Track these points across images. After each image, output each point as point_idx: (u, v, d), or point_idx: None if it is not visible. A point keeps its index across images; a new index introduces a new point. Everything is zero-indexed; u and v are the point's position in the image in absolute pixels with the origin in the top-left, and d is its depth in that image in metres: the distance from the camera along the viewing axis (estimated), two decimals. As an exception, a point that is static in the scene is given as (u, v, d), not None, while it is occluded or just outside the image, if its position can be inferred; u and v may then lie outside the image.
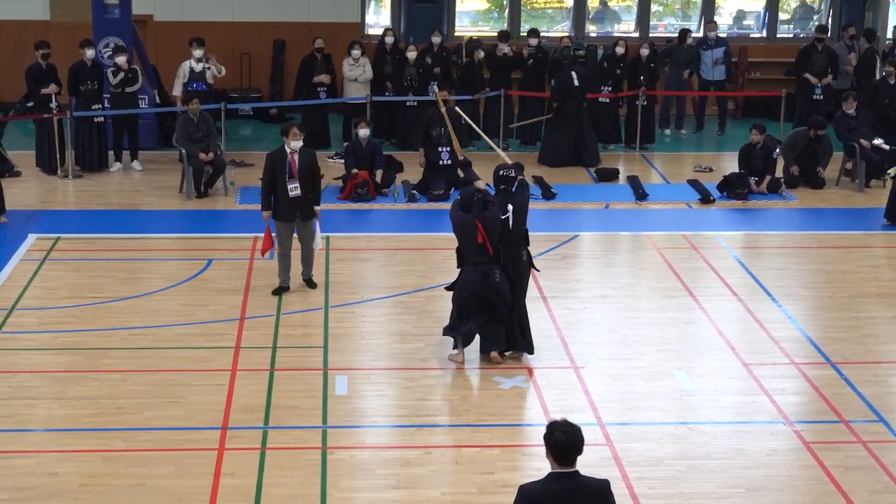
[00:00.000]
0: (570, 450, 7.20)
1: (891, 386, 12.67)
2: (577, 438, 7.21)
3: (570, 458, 7.21)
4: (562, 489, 7.20)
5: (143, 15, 24.32)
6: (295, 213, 14.86)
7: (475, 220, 12.65)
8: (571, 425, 7.26)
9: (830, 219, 18.71)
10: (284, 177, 14.72)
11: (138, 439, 11.20)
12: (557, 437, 7.20)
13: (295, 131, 14.78)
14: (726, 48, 24.21)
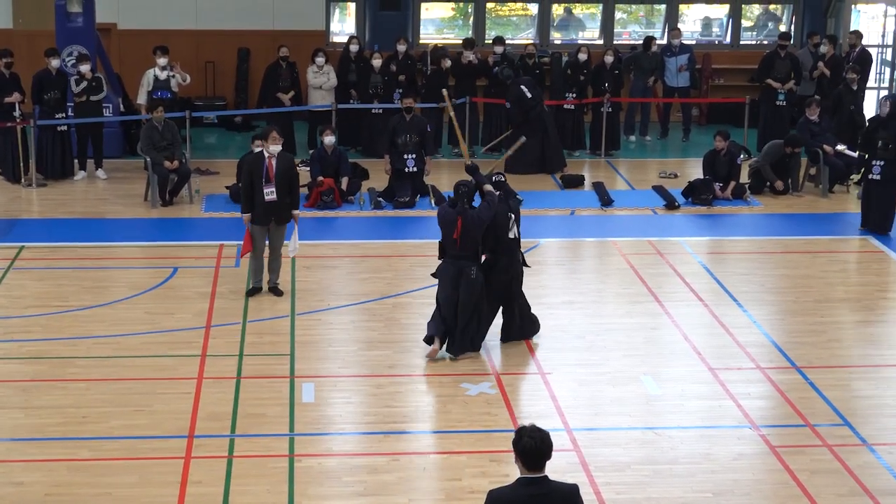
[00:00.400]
0: (539, 455, 7.20)
1: (855, 390, 12.72)
2: (546, 444, 7.22)
3: (539, 463, 7.21)
4: (531, 494, 7.20)
5: (107, 23, 24.22)
6: (270, 217, 14.92)
7: (457, 215, 12.96)
8: (540, 430, 7.27)
9: (795, 224, 18.80)
10: (261, 181, 14.78)
11: (104, 448, 11.14)
12: (526, 442, 7.20)
13: (275, 135, 14.86)
14: (690, 55, 24.30)
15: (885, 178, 17.88)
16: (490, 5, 27.34)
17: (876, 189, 18.02)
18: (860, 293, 15.75)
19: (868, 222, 18.17)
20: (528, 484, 7.22)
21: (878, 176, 17.93)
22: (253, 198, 14.90)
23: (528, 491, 7.21)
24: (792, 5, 27.53)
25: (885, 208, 18.06)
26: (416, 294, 15.25)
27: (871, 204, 18.12)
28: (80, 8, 21.80)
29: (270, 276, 15.29)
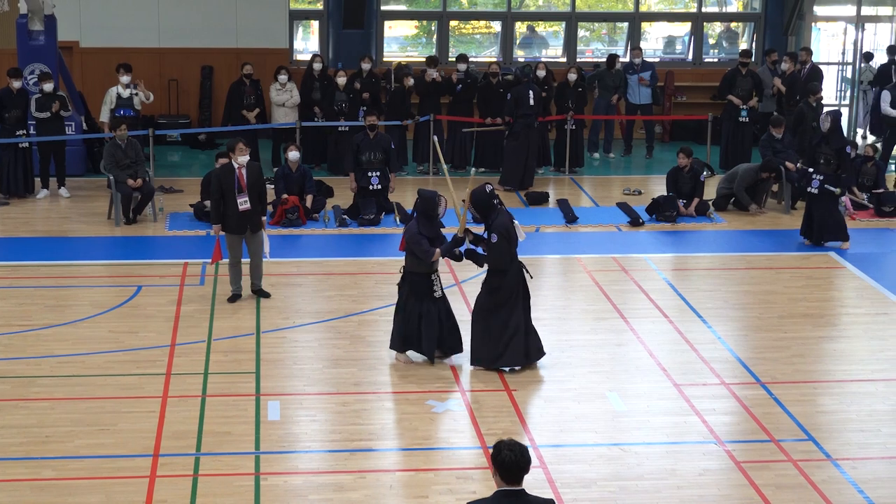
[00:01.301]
0: (518, 469, 7.26)
1: (819, 405, 12.79)
2: (525, 457, 7.28)
3: (518, 476, 7.28)
4: None
5: (69, 41, 24.17)
6: (245, 225, 15.27)
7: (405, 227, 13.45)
8: (519, 444, 7.31)
9: (758, 240, 18.90)
10: (234, 191, 15.15)
11: (68, 468, 11.07)
12: (506, 455, 7.26)
13: (241, 146, 15.22)
14: (653, 72, 24.44)
15: (822, 192, 18.05)
16: (453, 23, 27.44)
17: (816, 202, 18.18)
18: (823, 309, 15.84)
19: (810, 234, 18.32)
20: (506, 497, 7.27)
21: (815, 189, 18.12)
22: (222, 209, 15.17)
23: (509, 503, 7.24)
24: (753, 23, 27.72)
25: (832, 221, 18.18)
26: (382, 312, 15.23)
27: (810, 216, 18.30)
28: (41, 26, 21.74)
29: (253, 280, 15.62)
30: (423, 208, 13.26)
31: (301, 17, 27.07)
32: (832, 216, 18.25)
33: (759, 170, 20.37)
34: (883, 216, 20.12)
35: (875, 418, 12.45)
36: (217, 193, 15.31)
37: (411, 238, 13.17)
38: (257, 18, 25.40)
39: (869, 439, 11.96)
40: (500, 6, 27.32)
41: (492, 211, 13.28)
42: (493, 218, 13.21)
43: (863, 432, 12.10)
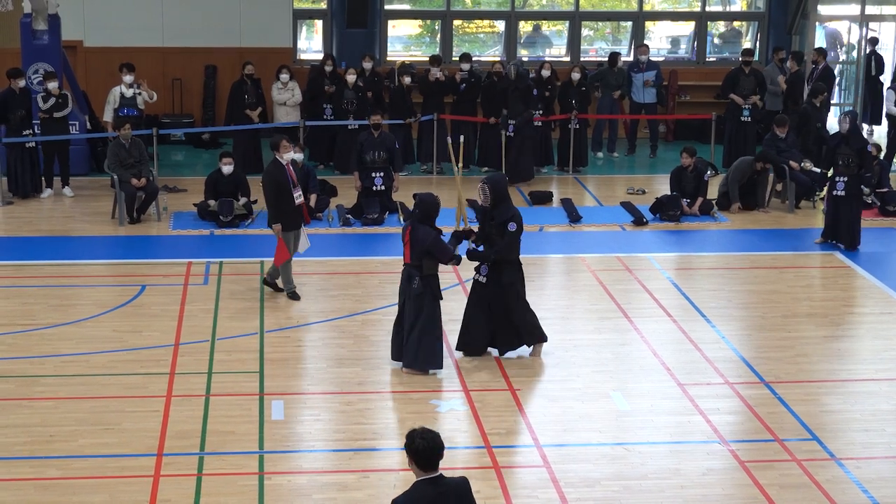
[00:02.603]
0: (433, 455, 7.47)
1: (824, 404, 12.78)
2: (438, 443, 7.48)
3: (433, 463, 7.48)
4: (434, 494, 7.47)
5: (73, 41, 24.16)
6: (300, 220, 15.52)
7: (409, 226, 13.14)
8: (430, 431, 7.50)
9: (762, 240, 18.89)
10: (289, 187, 15.26)
11: (72, 467, 11.08)
12: (419, 444, 7.46)
13: (286, 143, 15.39)
14: (657, 71, 24.42)
15: (849, 194, 17.99)
16: (457, 22, 27.41)
17: (842, 205, 18.12)
18: (827, 308, 15.83)
19: (834, 236, 18.26)
20: (427, 484, 7.48)
21: (842, 192, 18.03)
22: (280, 207, 15.25)
23: (430, 490, 7.48)
24: (757, 22, 27.70)
25: (853, 223, 18.17)
26: (385, 311, 15.23)
27: (837, 219, 18.21)
28: (45, 26, 21.73)
29: (271, 272, 15.78)
30: (426, 212, 13.16)
31: (305, 16, 27.07)
32: (856, 218, 18.19)
33: (754, 161, 20.38)
34: (887, 215, 20.09)
35: (879, 418, 12.45)
36: (274, 192, 15.29)
37: (433, 242, 12.95)
38: (261, 18, 25.39)
39: (873, 439, 11.95)
40: (503, 5, 27.31)
41: (506, 199, 13.51)
42: (507, 207, 13.44)
43: (867, 432, 12.10)
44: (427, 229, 13.03)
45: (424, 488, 7.47)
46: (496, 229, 13.49)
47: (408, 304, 13.19)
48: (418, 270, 13.12)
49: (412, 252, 13.11)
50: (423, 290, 13.09)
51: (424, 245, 12.97)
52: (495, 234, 13.50)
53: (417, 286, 13.08)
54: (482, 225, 13.68)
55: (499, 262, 13.52)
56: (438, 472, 7.51)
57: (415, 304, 13.12)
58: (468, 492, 7.61)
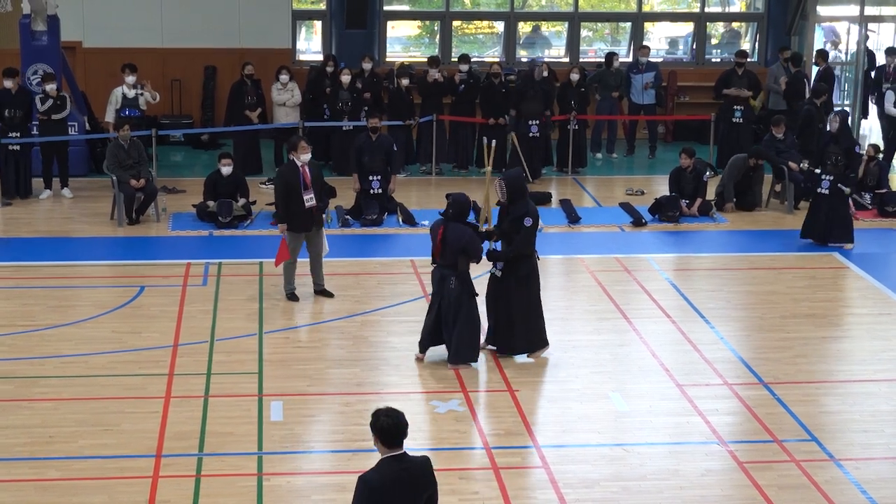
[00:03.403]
0: (397, 432, 7.69)
1: (822, 405, 12.79)
2: (402, 421, 7.70)
3: (398, 440, 7.71)
4: (399, 469, 7.69)
5: (72, 41, 24.16)
6: (310, 223, 15.42)
7: (441, 225, 13.28)
8: (395, 410, 7.72)
9: (761, 240, 18.90)
10: (300, 189, 15.20)
11: (72, 468, 11.09)
12: (383, 421, 7.69)
13: (303, 145, 15.39)
14: (656, 73, 24.44)
15: (833, 192, 18.05)
16: (456, 23, 27.42)
17: (825, 203, 18.17)
18: (826, 309, 15.84)
19: (808, 232, 18.34)
20: (392, 461, 7.70)
21: (826, 190, 18.10)
22: (289, 207, 15.24)
23: (395, 467, 7.70)
24: (756, 23, 27.71)
25: (840, 222, 18.20)
26: (384, 312, 15.26)
27: (816, 215, 18.28)
28: (44, 26, 21.74)
29: (316, 281, 15.83)
30: (459, 211, 13.32)
31: (304, 17, 27.08)
32: (840, 216, 18.25)
33: (747, 157, 20.43)
34: (886, 216, 20.11)
35: (878, 419, 12.46)
36: (283, 192, 15.33)
37: (470, 240, 13.20)
38: (260, 18, 25.39)
39: (872, 440, 11.96)
40: (502, 6, 27.32)
41: (523, 195, 13.70)
42: (524, 203, 13.63)
43: (866, 433, 12.11)
44: (462, 227, 13.25)
45: (390, 465, 7.70)
46: (512, 225, 13.62)
47: (444, 303, 13.38)
48: (452, 269, 13.27)
49: (445, 251, 13.23)
50: (462, 288, 13.32)
51: (461, 243, 13.16)
52: (512, 230, 13.64)
53: (455, 286, 13.29)
54: (499, 222, 13.87)
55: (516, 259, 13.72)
56: (403, 450, 7.74)
57: (454, 304, 13.33)
58: (430, 469, 7.87)
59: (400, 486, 7.67)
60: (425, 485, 7.82)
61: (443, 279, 13.35)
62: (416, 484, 7.76)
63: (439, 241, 13.26)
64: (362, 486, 7.65)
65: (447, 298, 13.37)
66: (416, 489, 7.76)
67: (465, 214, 13.39)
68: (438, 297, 13.48)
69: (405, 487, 7.69)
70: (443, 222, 13.33)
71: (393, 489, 7.65)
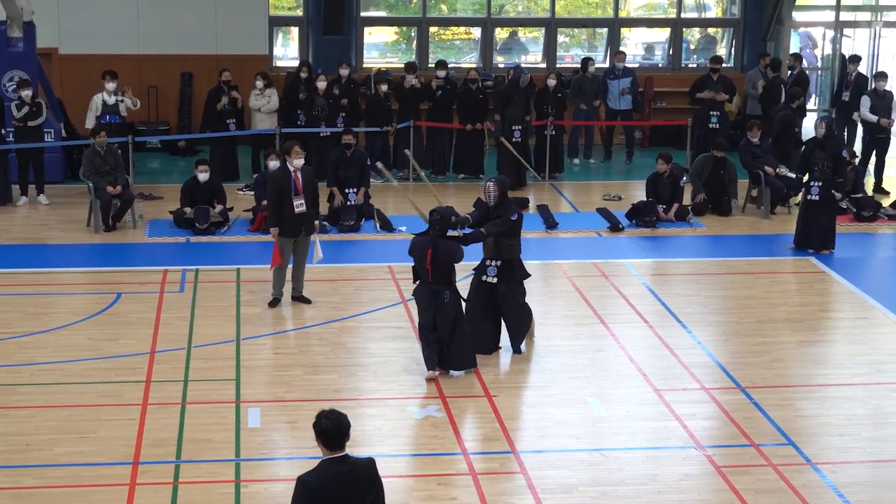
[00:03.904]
0: (338, 434, 7.72)
1: (799, 409, 12.82)
2: (343, 424, 7.75)
3: (339, 442, 7.73)
4: (338, 471, 7.69)
5: (48, 48, 24.10)
6: (300, 228, 15.46)
7: (429, 244, 13.06)
8: (336, 412, 7.78)
9: (737, 245, 18.95)
10: (290, 194, 15.28)
11: (48, 476, 11.04)
12: (324, 423, 7.74)
13: (297, 150, 15.41)
14: (633, 78, 24.47)
15: (823, 198, 18.07)
16: (433, 29, 27.44)
17: (815, 209, 18.20)
18: (802, 313, 15.88)
19: (807, 242, 18.34)
20: (332, 463, 7.71)
21: (816, 196, 18.10)
22: (280, 212, 15.30)
23: (335, 468, 7.70)
24: (732, 29, 27.79)
25: (827, 227, 18.26)
26: (362, 318, 15.24)
27: (811, 224, 18.29)
28: (20, 33, 21.68)
29: (295, 286, 15.80)
30: (445, 226, 13.21)
31: (281, 23, 27.06)
32: (831, 223, 18.29)
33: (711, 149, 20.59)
34: (862, 220, 20.18)
35: (855, 422, 12.49)
36: (274, 196, 15.38)
37: (457, 252, 13.20)
38: (237, 25, 25.36)
39: (848, 443, 12.00)
40: (479, 12, 27.34)
41: (508, 198, 14.21)
42: (509, 205, 14.09)
43: (842, 436, 12.14)
44: (449, 243, 13.18)
45: (330, 466, 7.71)
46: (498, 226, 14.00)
47: (439, 316, 13.19)
48: (445, 285, 13.16)
49: (437, 270, 13.09)
50: (456, 299, 13.27)
51: (454, 260, 13.17)
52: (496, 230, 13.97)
53: (449, 299, 13.17)
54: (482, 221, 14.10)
55: (508, 262, 14.04)
56: (345, 451, 7.76)
57: (448, 315, 13.21)
58: (374, 472, 7.86)
59: (341, 488, 7.66)
60: (368, 487, 7.79)
61: (435, 295, 13.17)
62: (359, 486, 7.74)
63: (429, 262, 13.08)
64: (300, 487, 7.69)
65: (443, 311, 13.20)
66: (357, 491, 7.74)
67: (449, 225, 13.33)
68: (432, 311, 13.24)
69: (346, 489, 7.68)
70: (430, 241, 13.14)
71: (333, 491, 7.65)
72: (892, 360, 14.26)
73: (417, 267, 13.30)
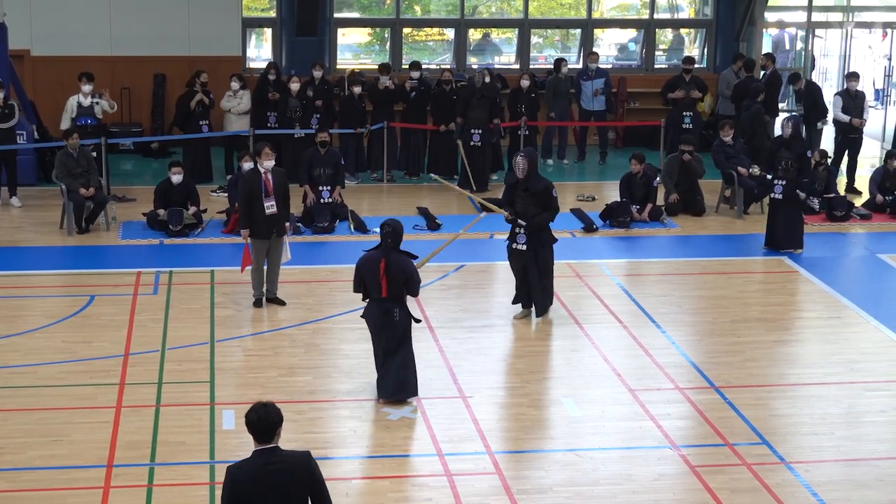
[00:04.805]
0: (265, 426, 7.71)
1: (773, 409, 12.85)
2: (270, 415, 7.73)
3: (266, 435, 7.73)
4: (265, 463, 7.71)
5: (20, 50, 24.00)
6: (271, 229, 15.47)
7: (381, 258, 12.39)
8: (265, 405, 7.77)
9: (711, 245, 19.00)
10: (261, 196, 15.31)
11: (21, 479, 10.98)
12: (251, 416, 7.76)
13: (267, 151, 15.46)
14: (606, 79, 24.50)
15: (787, 197, 18.15)
16: (407, 30, 27.42)
17: (780, 208, 18.28)
18: (776, 313, 15.93)
19: (773, 241, 18.42)
20: (261, 454, 7.73)
21: (779, 195, 18.20)
22: (251, 214, 15.36)
23: (263, 460, 7.72)
24: (705, 30, 27.86)
25: (793, 226, 18.33)
26: (336, 319, 15.23)
27: (776, 222, 18.38)
28: (-8, 35, 21.61)
29: (269, 288, 15.78)
30: (397, 239, 12.48)
31: (254, 24, 26.98)
32: (796, 222, 18.36)
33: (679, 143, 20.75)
34: (834, 220, 20.26)
35: (828, 421, 12.54)
36: (245, 198, 15.40)
37: (413, 273, 12.42)
38: (210, 26, 25.30)
39: (822, 442, 12.04)
40: (453, 13, 27.34)
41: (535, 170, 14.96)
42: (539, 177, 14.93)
43: (816, 435, 12.19)
44: (404, 258, 12.42)
45: (259, 457, 7.73)
46: (532, 199, 14.77)
47: (386, 335, 12.54)
48: (397, 302, 12.44)
49: (390, 285, 12.37)
50: (406, 317, 12.58)
51: (406, 275, 12.35)
52: (530, 203, 14.67)
53: (400, 317, 12.49)
54: (512, 198, 14.87)
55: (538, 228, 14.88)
56: (274, 444, 7.76)
57: (397, 335, 12.55)
58: (310, 465, 7.81)
59: (268, 479, 7.66)
60: (299, 481, 7.73)
61: (386, 313, 12.44)
62: (287, 479, 7.70)
63: (383, 276, 12.33)
64: (227, 477, 7.73)
65: (391, 330, 12.51)
66: (286, 484, 7.70)
67: (401, 240, 12.52)
68: (380, 330, 12.57)
69: (273, 481, 7.67)
70: (382, 255, 12.39)
71: (257, 482, 7.66)
72: (864, 360, 14.32)
73: (369, 283, 12.45)
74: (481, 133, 21.85)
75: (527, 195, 14.82)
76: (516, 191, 14.92)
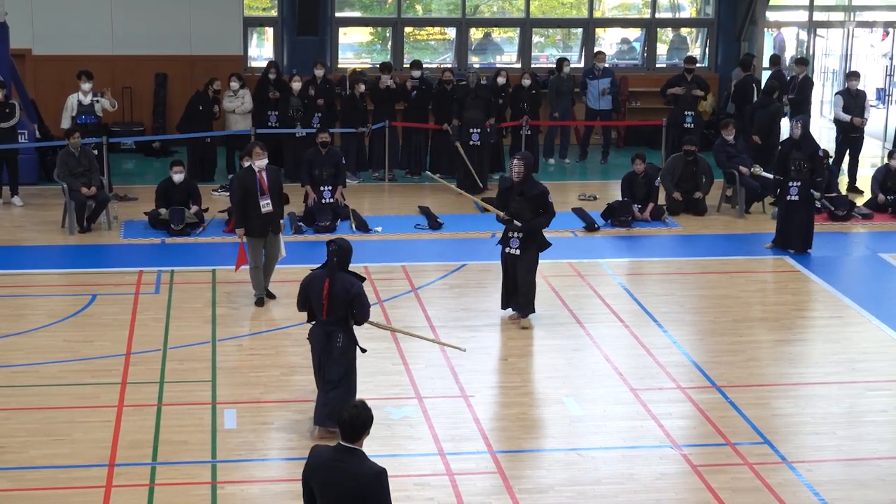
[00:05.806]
0: (357, 426, 7.68)
1: (774, 408, 12.85)
2: (361, 416, 7.70)
3: (354, 434, 7.70)
4: (335, 459, 7.71)
5: (22, 49, 24.00)
6: (267, 227, 15.53)
7: (326, 277, 11.70)
8: (356, 408, 7.71)
9: (712, 245, 18.99)
10: (256, 194, 15.36)
11: (24, 478, 10.99)
12: (343, 414, 7.72)
13: (258, 150, 15.46)
14: (612, 79, 24.47)
15: (802, 198, 18.12)
16: (408, 29, 27.42)
17: (794, 210, 18.25)
18: (777, 312, 15.93)
19: (787, 242, 18.39)
20: (339, 450, 7.73)
21: (795, 197, 18.15)
22: (247, 213, 15.41)
23: (335, 455, 7.73)
24: (706, 29, 27.85)
25: (806, 228, 18.32)
26: (338, 318, 15.22)
27: (790, 224, 18.34)
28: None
29: (264, 282, 15.87)
30: (344, 259, 11.76)
31: (255, 23, 26.98)
32: (809, 223, 18.34)
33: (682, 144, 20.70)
34: (836, 220, 20.25)
35: (830, 421, 12.53)
36: (240, 197, 15.43)
37: (359, 296, 11.57)
38: (211, 25, 25.31)
39: (824, 442, 12.04)
40: (454, 12, 27.34)
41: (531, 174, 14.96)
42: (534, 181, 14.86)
43: (818, 435, 12.19)
44: (350, 279, 11.59)
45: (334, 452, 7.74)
46: (526, 203, 14.72)
47: (327, 362, 11.71)
48: (339, 326, 11.63)
49: (333, 306, 11.56)
50: (350, 344, 11.75)
51: (349, 296, 11.51)
52: (524, 207, 14.66)
53: (342, 342, 11.67)
54: (506, 201, 14.83)
55: (532, 232, 14.84)
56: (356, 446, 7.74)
57: (340, 362, 11.71)
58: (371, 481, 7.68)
59: (325, 475, 7.70)
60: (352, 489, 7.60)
61: (328, 336, 11.64)
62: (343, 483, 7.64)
63: (325, 296, 11.57)
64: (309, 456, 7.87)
65: (332, 357, 11.69)
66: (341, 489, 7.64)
67: (349, 261, 11.79)
68: (321, 356, 11.74)
69: (328, 478, 7.69)
70: (326, 274, 11.63)
71: (319, 473, 7.73)
72: (866, 359, 14.32)
73: (313, 302, 11.72)
74: (479, 132, 21.84)
75: (521, 199, 14.78)
76: (511, 194, 14.88)
